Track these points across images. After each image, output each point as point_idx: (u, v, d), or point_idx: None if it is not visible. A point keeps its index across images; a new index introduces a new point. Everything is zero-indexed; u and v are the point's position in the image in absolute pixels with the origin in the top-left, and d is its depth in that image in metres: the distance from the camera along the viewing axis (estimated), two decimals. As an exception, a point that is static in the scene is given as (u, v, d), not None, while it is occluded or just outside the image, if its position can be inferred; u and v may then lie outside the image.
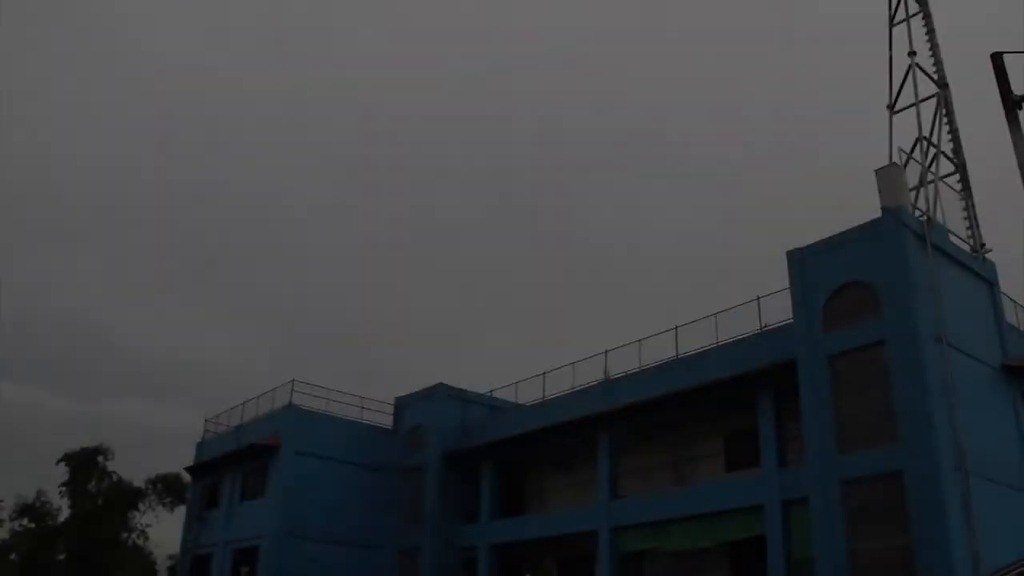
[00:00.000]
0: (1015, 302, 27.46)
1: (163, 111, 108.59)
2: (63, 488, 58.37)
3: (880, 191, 23.74)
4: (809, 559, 23.02)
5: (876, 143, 49.20)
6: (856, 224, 23.83)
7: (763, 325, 26.96)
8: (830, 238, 24.34)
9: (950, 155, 27.65)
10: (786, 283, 25.19)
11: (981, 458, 22.01)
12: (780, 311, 26.01)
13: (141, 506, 61.37)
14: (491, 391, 37.66)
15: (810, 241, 24.82)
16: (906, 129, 27.37)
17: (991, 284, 25.99)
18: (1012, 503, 22.96)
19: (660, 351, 30.09)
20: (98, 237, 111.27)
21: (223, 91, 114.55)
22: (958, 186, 27.52)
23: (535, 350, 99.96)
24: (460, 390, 38.06)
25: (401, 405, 39.03)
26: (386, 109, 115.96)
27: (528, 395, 35.67)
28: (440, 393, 37.46)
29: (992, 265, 26.49)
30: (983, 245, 26.47)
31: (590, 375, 32.57)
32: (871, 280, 23.02)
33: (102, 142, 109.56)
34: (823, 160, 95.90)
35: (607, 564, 29.15)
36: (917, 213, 24.43)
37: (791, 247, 25.16)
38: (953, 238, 25.43)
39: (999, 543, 20.72)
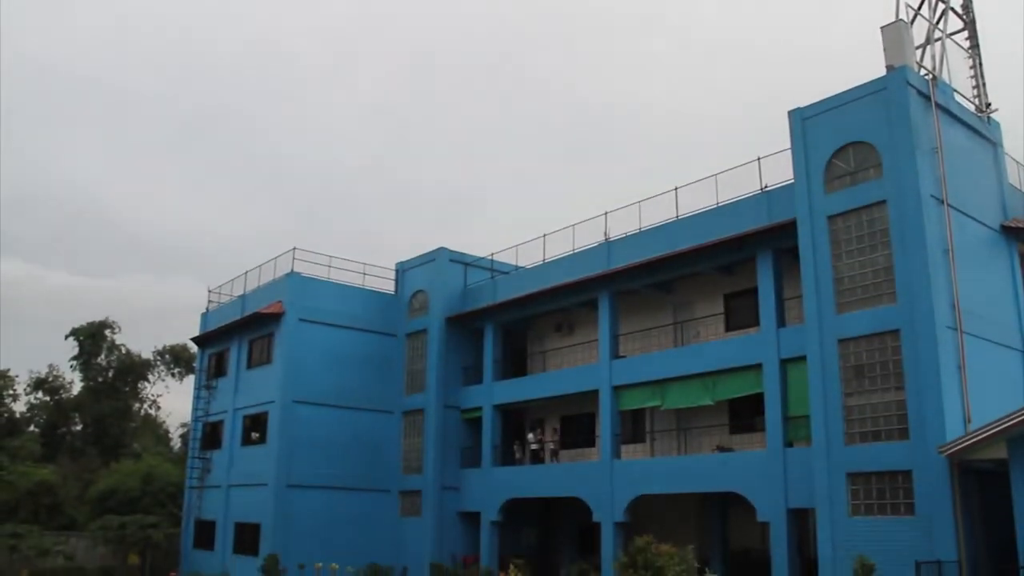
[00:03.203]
0: (1018, 163, 27.26)
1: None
2: (74, 362, 59.67)
3: (885, 49, 23.24)
4: (805, 416, 23.70)
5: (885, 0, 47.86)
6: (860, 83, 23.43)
7: (764, 186, 26.84)
8: (833, 97, 23.96)
9: (959, 11, 26.86)
10: (788, 144, 24.96)
11: (977, 318, 22.39)
12: (781, 172, 25.86)
13: (151, 377, 62.95)
14: (492, 254, 37.81)
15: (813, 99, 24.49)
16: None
17: (995, 145, 25.75)
18: (1005, 362, 23.49)
19: (660, 212, 30.03)
20: (95, 110, 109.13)
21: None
22: (966, 43, 26.85)
23: (537, 215, 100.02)
24: (461, 254, 38.24)
25: (402, 270, 39.31)
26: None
27: (529, 258, 35.82)
28: (441, 257, 37.66)
29: (997, 125, 26.16)
30: (988, 105, 26.03)
31: (591, 237, 32.64)
32: (873, 140, 22.79)
33: (95, 10, 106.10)
34: (831, 21, 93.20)
35: (608, 422, 29.96)
36: (923, 72, 23.93)
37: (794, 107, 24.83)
38: (959, 97, 25.00)
39: (991, 400, 21.29)
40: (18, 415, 59.06)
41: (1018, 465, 19.27)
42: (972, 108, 25.64)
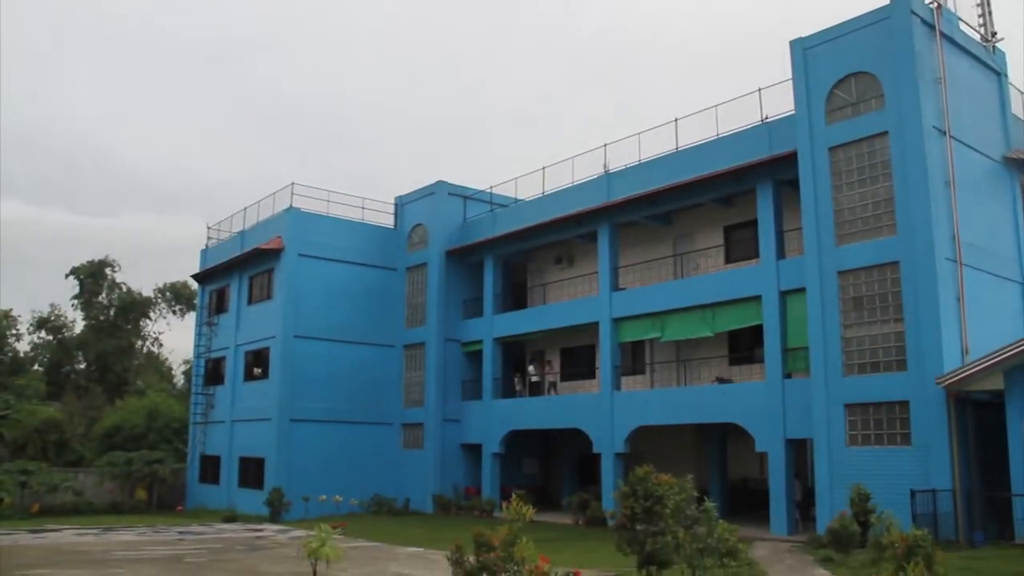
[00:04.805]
0: (1023, 93, 26.92)
1: None
2: (75, 301, 59.79)
3: (889, -23, 22.77)
4: (804, 347, 23.81)
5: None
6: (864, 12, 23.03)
7: (764, 117, 26.54)
8: (835, 27, 23.57)
9: (965, -64, 26.25)
10: (789, 75, 24.63)
11: (977, 250, 22.38)
12: (782, 103, 25.56)
13: (152, 315, 63.10)
14: (491, 187, 37.56)
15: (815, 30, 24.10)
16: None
17: (999, 74, 25.41)
18: (1004, 294, 23.54)
19: (660, 144, 29.76)
20: (93, 47, 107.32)
21: None
22: (972, -30, 26.32)
23: (536, 148, 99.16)
24: (460, 187, 38.03)
25: (401, 204, 39.13)
26: None
27: (528, 191, 35.60)
28: (440, 191, 37.46)
29: (1002, 55, 25.78)
30: (994, 34, 25.60)
31: (590, 170, 32.39)
32: (876, 70, 22.48)
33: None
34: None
35: (608, 354, 30.12)
36: (927, 0, 23.48)
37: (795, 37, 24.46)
38: (963, 26, 24.56)
39: (989, 332, 21.39)
40: (22, 354, 59.42)
41: (1014, 396, 19.46)
42: (977, 37, 25.23)
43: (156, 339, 64.71)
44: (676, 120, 29.18)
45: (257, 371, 36.98)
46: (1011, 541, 19.12)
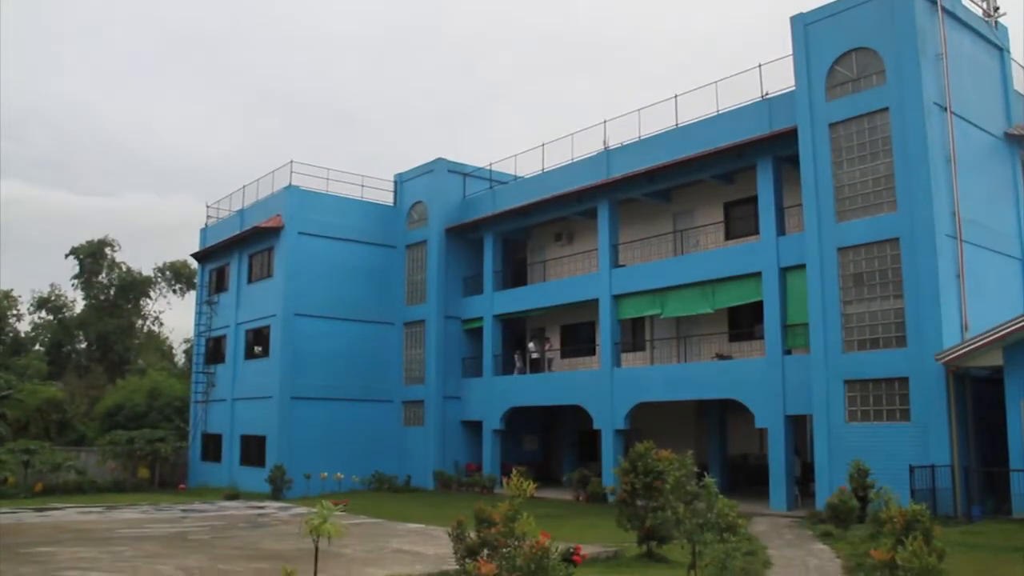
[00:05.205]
0: (1025, 68, 26.87)
1: None
2: (75, 281, 59.80)
3: (891, -49, 22.62)
4: (804, 323, 23.86)
5: None
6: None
7: (764, 93, 26.45)
8: (836, 2, 23.48)
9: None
10: (790, 51, 24.54)
11: (977, 226, 22.40)
12: (783, 79, 25.49)
13: (152, 294, 63.10)
14: (490, 164, 37.48)
15: (816, 5, 23.99)
16: None
17: (1001, 50, 25.30)
18: (1004, 270, 23.57)
19: (660, 121, 29.65)
20: (91, 25, 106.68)
21: None
22: (975, -57, 26.15)
23: (535, 126, 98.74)
24: (460, 164, 37.95)
25: (401, 182, 39.04)
26: None
27: (528, 168, 35.51)
28: (440, 168, 37.38)
29: (1004, 30, 25.66)
30: (996, 8, 25.45)
31: (590, 147, 32.31)
32: (877, 46, 22.39)
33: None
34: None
35: (608, 331, 30.17)
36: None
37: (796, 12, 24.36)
38: (966, 1, 24.43)
39: (988, 308, 21.43)
40: (23, 335, 59.48)
41: (1013, 372, 19.52)
42: (979, 12, 25.09)
43: (156, 318, 64.82)
44: (676, 97, 29.11)
45: (258, 349, 37.05)
46: (1008, 515, 19.23)
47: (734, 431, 31.70)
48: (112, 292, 60.78)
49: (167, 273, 62.83)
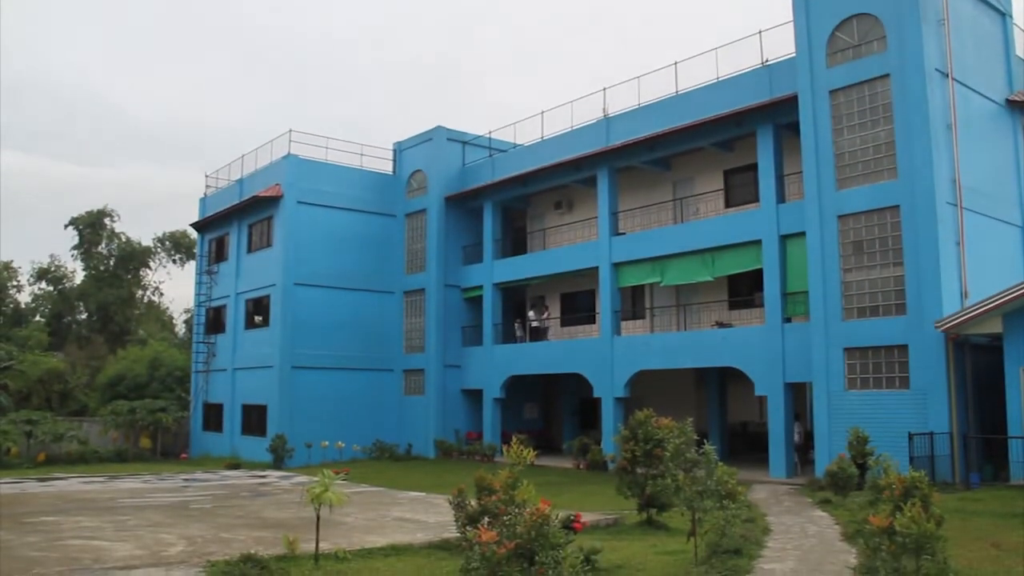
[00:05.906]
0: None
1: None
2: (74, 251, 59.76)
3: (893, -87, 22.36)
4: (804, 291, 23.85)
5: None
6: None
7: (764, 60, 26.27)
8: (839, -34, 23.21)
9: None
10: (790, 16, 24.34)
11: (978, 194, 22.32)
12: (783, 46, 25.30)
13: (152, 264, 63.09)
14: (489, 132, 37.30)
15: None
16: None
17: (1004, 15, 25.06)
18: (1004, 238, 23.53)
19: (660, 88, 29.51)
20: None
21: None
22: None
23: (535, 95, 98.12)
24: (459, 132, 37.77)
25: (400, 150, 38.88)
26: None
27: (527, 136, 35.39)
28: (439, 136, 37.20)
29: (1008, -6, 25.46)
30: (999, -28, 25.25)
31: (589, 114, 32.18)
32: (878, 11, 22.18)
33: None
34: None
35: (608, 299, 30.15)
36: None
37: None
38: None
39: (988, 276, 21.41)
40: (23, 306, 59.54)
41: (1012, 339, 19.55)
42: (983, -24, 24.88)
43: (156, 288, 64.96)
44: (676, 64, 28.92)
45: (258, 319, 37.09)
46: (1006, 482, 19.34)
47: (734, 399, 31.81)
48: (112, 263, 60.79)
49: (167, 243, 62.81)
